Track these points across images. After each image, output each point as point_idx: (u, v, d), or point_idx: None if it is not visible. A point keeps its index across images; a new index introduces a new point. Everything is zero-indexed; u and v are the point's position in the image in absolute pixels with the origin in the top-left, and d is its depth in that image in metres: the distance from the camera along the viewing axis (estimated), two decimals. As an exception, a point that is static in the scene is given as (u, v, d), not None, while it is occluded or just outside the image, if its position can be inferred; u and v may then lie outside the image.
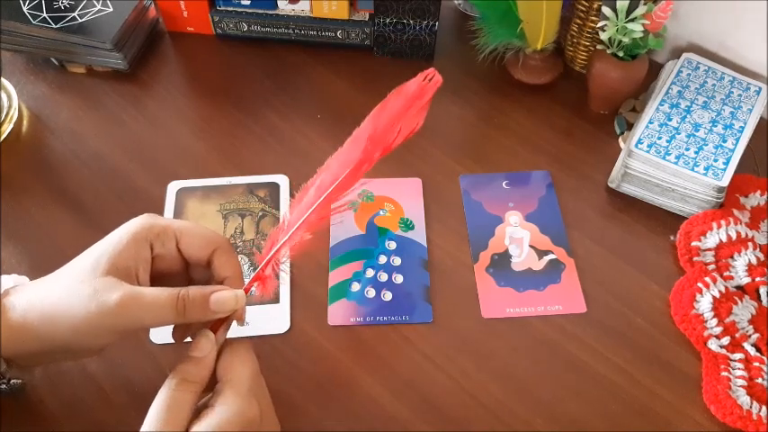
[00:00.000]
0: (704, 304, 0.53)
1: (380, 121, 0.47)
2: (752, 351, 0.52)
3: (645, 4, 0.60)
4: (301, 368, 0.51)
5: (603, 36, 0.62)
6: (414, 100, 0.48)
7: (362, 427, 0.49)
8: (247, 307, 0.49)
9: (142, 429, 0.35)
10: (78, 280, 0.39)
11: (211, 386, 0.38)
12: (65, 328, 0.38)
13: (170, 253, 0.42)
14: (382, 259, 0.57)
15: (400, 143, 0.48)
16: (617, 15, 0.60)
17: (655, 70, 0.68)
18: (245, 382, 0.38)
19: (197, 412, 0.37)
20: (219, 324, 0.41)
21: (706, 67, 0.66)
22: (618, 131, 0.67)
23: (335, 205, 0.46)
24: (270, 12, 0.72)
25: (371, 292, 0.55)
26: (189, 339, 0.43)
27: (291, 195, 0.61)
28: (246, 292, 0.42)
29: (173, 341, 0.44)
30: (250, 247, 0.58)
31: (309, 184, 0.47)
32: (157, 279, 0.42)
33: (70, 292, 0.38)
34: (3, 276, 0.43)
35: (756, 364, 0.51)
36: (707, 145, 0.59)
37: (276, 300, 0.54)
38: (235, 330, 0.42)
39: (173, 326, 0.43)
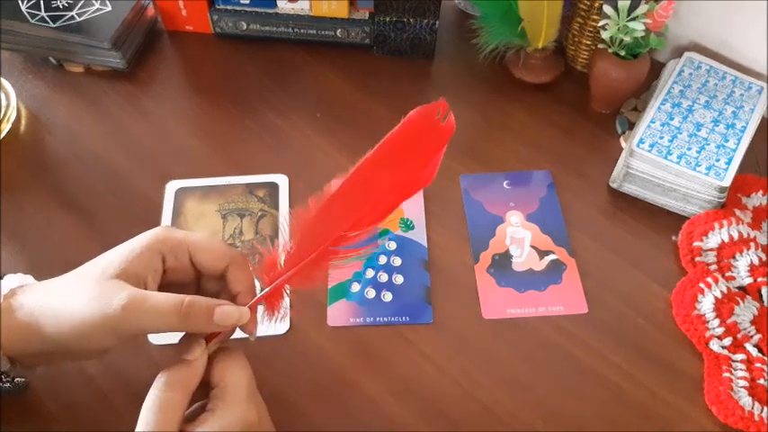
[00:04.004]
0: (706, 305, 0.53)
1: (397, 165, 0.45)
2: (754, 352, 0.51)
3: (646, 2, 0.60)
4: (301, 369, 0.51)
5: (605, 35, 0.62)
6: (428, 140, 0.46)
7: (362, 428, 0.48)
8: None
9: (136, 430, 0.35)
10: (86, 282, 0.39)
11: (203, 392, 0.38)
12: (68, 328, 0.38)
13: (182, 266, 0.42)
14: (382, 259, 0.57)
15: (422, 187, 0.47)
16: (618, 14, 0.60)
17: (656, 69, 0.67)
18: (243, 387, 0.38)
19: (193, 416, 0.37)
20: (216, 334, 0.40)
21: (708, 67, 0.66)
22: (619, 131, 0.66)
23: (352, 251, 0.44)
24: (269, 11, 0.72)
25: (371, 293, 0.55)
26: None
27: (290, 196, 0.61)
28: (252, 310, 0.42)
29: (171, 343, 0.43)
30: (249, 247, 0.57)
31: (323, 207, 0.43)
32: (167, 288, 0.42)
33: (77, 292, 0.39)
34: (8, 276, 0.43)
35: (758, 364, 0.51)
36: (709, 145, 0.59)
37: (276, 300, 0.54)
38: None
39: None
